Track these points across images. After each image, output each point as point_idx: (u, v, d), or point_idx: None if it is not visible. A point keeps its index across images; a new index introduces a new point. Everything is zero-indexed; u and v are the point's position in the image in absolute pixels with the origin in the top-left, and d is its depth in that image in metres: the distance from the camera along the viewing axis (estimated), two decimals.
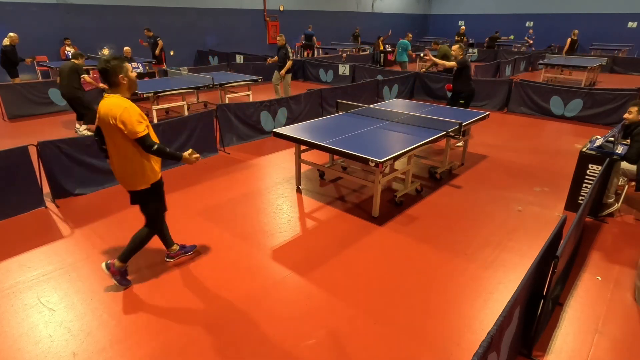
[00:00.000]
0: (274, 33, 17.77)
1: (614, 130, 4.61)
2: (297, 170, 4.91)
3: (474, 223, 4.17)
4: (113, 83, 2.73)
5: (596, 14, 20.63)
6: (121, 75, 2.71)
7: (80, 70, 6.64)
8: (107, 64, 2.66)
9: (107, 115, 2.66)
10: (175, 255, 3.47)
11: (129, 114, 2.65)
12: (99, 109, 2.75)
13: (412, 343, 2.61)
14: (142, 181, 2.87)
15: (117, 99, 2.70)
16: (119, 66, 2.69)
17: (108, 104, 2.69)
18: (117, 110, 2.63)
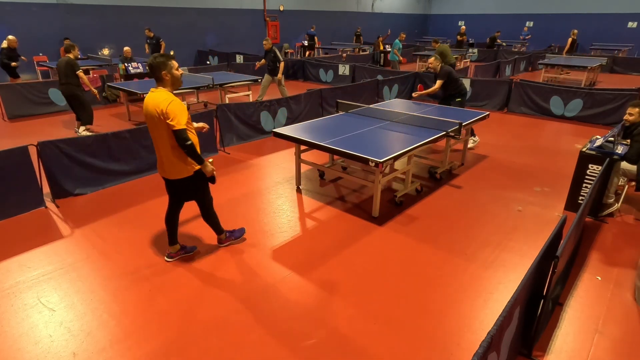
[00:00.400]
0: (274, 33, 17.78)
1: (614, 130, 4.61)
2: (297, 170, 4.91)
3: (474, 223, 4.17)
4: (158, 78, 2.91)
5: (596, 14, 20.63)
6: (164, 71, 2.88)
7: (76, 66, 6.51)
8: (154, 60, 2.86)
9: (154, 107, 2.84)
10: (175, 255, 3.48)
11: (174, 106, 2.83)
12: (145, 103, 2.94)
13: (412, 343, 2.61)
14: (186, 169, 3.07)
15: (163, 92, 2.89)
16: (164, 63, 2.87)
17: (155, 97, 2.87)
18: (165, 103, 2.81)
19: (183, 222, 4.14)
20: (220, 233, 3.63)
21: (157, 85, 2.95)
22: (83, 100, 6.82)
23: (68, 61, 6.47)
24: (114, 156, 4.99)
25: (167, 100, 2.82)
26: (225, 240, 3.68)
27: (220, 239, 3.67)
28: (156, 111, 2.83)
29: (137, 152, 5.21)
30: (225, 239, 3.68)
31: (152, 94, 2.92)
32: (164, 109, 2.80)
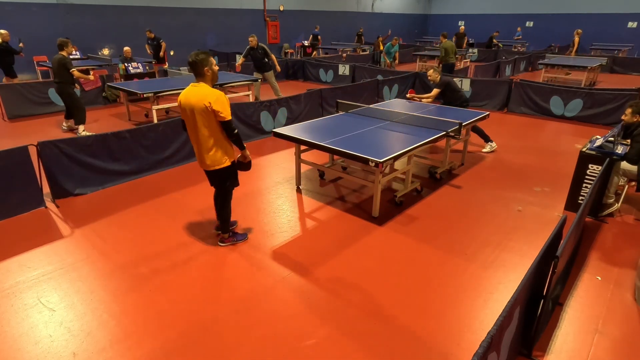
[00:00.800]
0: (274, 33, 17.78)
1: (614, 130, 4.61)
2: (297, 170, 4.91)
3: (474, 223, 4.17)
4: (199, 74, 3.08)
5: (596, 14, 20.63)
6: (206, 67, 3.06)
7: (69, 64, 6.41)
8: (197, 57, 3.02)
9: (200, 101, 3.01)
10: (227, 240, 3.74)
11: (223, 100, 3.05)
12: (185, 97, 3.10)
13: (412, 343, 2.61)
14: (226, 160, 3.29)
15: (206, 87, 3.07)
16: (206, 59, 3.05)
17: (199, 92, 3.04)
18: (212, 96, 3.01)
19: (183, 221, 4.14)
20: (225, 232, 3.69)
21: (197, 80, 3.11)
22: (76, 99, 6.77)
23: (60, 59, 6.38)
24: (114, 156, 4.99)
25: (214, 94, 3.01)
26: (227, 240, 3.72)
27: (222, 237, 3.72)
28: (203, 104, 2.99)
29: (137, 152, 5.21)
30: (227, 238, 3.72)
31: (194, 88, 3.08)
32: (212, 101, 2.98)
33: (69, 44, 6.53)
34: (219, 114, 3.02)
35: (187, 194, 4.79)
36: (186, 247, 3.69)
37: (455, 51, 10.45)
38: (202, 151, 3.25)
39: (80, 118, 6.84)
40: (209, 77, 3.11)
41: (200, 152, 3.28)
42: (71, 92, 6.69)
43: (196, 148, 3.31)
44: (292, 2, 18.44)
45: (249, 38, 8.73)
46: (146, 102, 8.05)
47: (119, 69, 9.58)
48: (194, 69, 3.06)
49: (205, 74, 3.08)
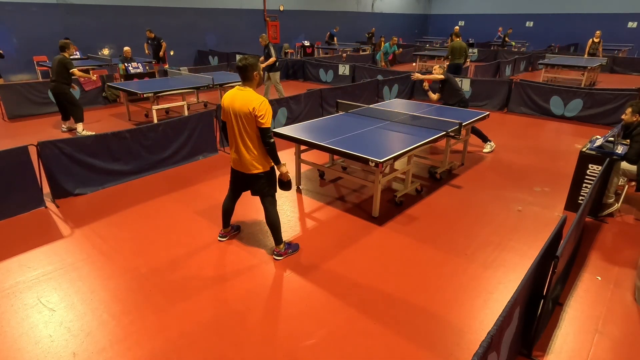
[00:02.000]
0: (274, 33, 17.78)
1: (614, 130, 4.61)
2: (297, 170, 4.91)
3: (474, 223, 4.17)
4: (248, 78, 3.09)
5: (596, 14, 20.63)
6: (255, 72, 3.08)
7: (70, 64, 6.47)
8: (246, 61, 3.04)
9: (245, 105, 3.02)
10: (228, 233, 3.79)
11: (266, 106, 3.05)
12: (231, 100, 3.11)
13: (412, 343, 2.61)
14: (267, 164, 3.27)
15: (252, 92, 3.08)
16: (256, 64, 3.07)
17: (245, 96, 3.05)
18: (257, 101, 3.01)
19: (183, 221, 4.14)
20: (279, 243, 3.50)
21: (243, 84, 3.11)
22: (72, 97, 6.81)
23: (61, 59, 6.43)
24: (114, 156, 4.99)
25: (259, 100, 3.02)
26: (283, 252, 3.52)
27: (278, 250, 3.51)
28: (248, 109, 3.00)
29: (137, 152, 5.21)
30: (283, 250, 3.53)
31: (240, 92, 3.08)
32: (256, 106, 2.99)
33: (71, 46, 6.58)
34: (260, 119, 3.01)
35: (187, 194, 4.79)
36: (186, 247, 3.69)
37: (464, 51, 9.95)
38: (243, 155, 3.20)
39: (79, 116, 6.86)
40: (255, 82, 3.12)
41: (241, 156, 3.23)
42: (67, 91, 6.71)
43: (236, 152, 3.25)
44: (292, 2, 18.44)
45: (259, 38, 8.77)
46: (146, 102, 8.05)
47: (119, 69, 9.58)
48: (243, 73, 3.05)
49: (253, 79, 3.09)
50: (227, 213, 3.70)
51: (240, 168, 3.31)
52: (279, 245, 3.51)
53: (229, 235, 3.82)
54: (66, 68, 6.45)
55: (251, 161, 3.20)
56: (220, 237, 3.79)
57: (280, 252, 3.52)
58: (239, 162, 3.28)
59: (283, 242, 3.56)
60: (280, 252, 3.52)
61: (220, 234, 3.80)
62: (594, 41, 13.42)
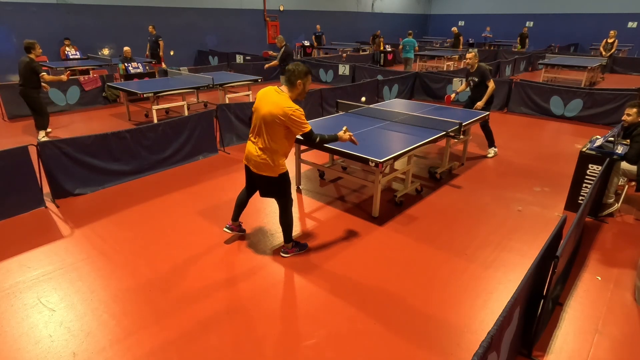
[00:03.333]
0: (274, 33, 17.78)
1: (614, 130, 4.61)
2: (297, 170, 4.91)
3: (474, 223, 4.17)
4: (291, 82, 3.05)
5: (596, 14, 20.63)
6: (300, 80, 3.04)
7: (38, 67, 6.20)
8: (297, 67, 3.02)
9: (275, 109, 2.97)
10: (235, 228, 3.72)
11: (299, 112, 2.99)
12: (261, 96, 3.09)
13: (412, 343, 2.61)
14: (281, 167, 3.26)
15: (286, 98, 3.02)
16: (303, 73, 3.03)
17: (278, 100, 3.00)
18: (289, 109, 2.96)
19: (183, 221, 4.14)
20: (289, 242, 3.54)
21: (285, 86, 3.08)
22: (40, 103, 6.55)
23: (28, 63, 6.17)
24: (114, 156, 4.99)
25: (292, 106, 2.97)
26: (291, 250, 3.56)
27: (286, 247, 3.56)
28: (277, 113, 2.95)
29: (137, 152, 5.21)
30: (291, 248, 3.56)
31: (276, 93, 3.04)
32: (289, 113, 2.95)
33: (37, 46, 6.31)
34: (298, 127, 3.00)
35: (188, 194, 4.79)
36: (186, 247, 3.69)
37: None
38: (258, 153, 3.17)
39: (43, 123, 6.60)
40: (297, 91, 3.07)
41: (256, 153, 3.19)
42: (36, 96, 6.44)
43: (253, 151, 3.21)
44: (292, 2, 18.44)
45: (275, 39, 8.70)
46: (146, 102, 8.05)
47: (119, 69, 9.58)
48: (289, 75, 3.02)
49: (296, 86, 3.04)
50: (240, 205, 3.67)
51: (249, 163, 3.30)
52: (287, 244, 3.54)
53: (235, 230, 3.75)
54: (35, 72, 6.20)
55: (262, 163, 3.18)
56: (226, 228, 3.72)
57: (288, 250, 3.55)
58: (251, 159, 3.25)
59: (292, 241, 3.56)
60: (287, 250, 3.55)
61: (228, 225, 3.72)
62: (607, 42, 13.40)
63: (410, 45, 12.77)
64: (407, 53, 12.92)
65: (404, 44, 12.93)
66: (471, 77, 5.94)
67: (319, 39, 17.48)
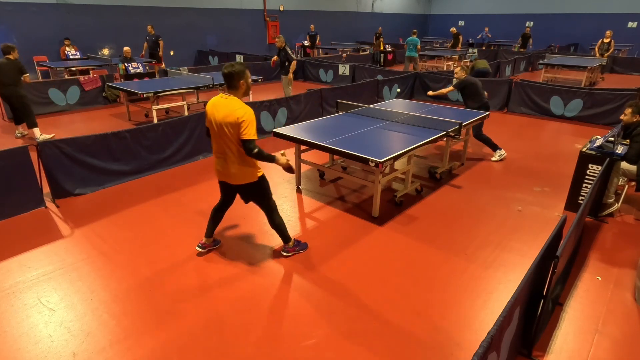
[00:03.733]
0: (274, 33, 17.78)
1: (614, 130, 4.61)
2: (297, 170, 4.91)
3: (474, 223, 4.17)
4: (233, 86, 2.93)
5: (596, 14, 20.62)
6: (242, 80, 2.93)
7: (24, 68, 6.43)
8: (233, 68, 2.87)
9: (228, 115, 2.88)
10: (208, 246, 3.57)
11: (251, 116, 2.90)
12: (214, 108, 2.97)
13: (412, 343, 2.61)
14: (256, 173, 3.13)
15: (236, 101, 2.92)
16: (243, 72, 2.91)
17: (228, 105, 2.90)
18: (241, 111, 2.86)
19: (183, 221, 4.14)
20: (288, 241, 3.49)
21: (228, 92, 2.97)
22: (28, 102, 6.65)
23: (14, 62, 6.36)
24: (114, 156, 4.99)
25: (243, 109, 2.88)
26: (291, 249, 3.52)
27: (286, 247, 3.52)
28: (234, 118, 2.85)
29: (137, 152, 5.21)
30: (291, 247, 3.52)
31: (223, 100, 2.95)
32: (239, 117, 2.84)
33: (15, 49, 6.50)
34: (243, 130, 2.87)
35: (188, 194, 4.79)
36: (186, 247, 3.68)
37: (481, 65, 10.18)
38: (228, 166, 3.07)
39: (33, 121, 6.67)
40: (242, 91, 2.97)
41: (226, 167, 3.09)
42: (24, 94, 6.58)
43: (220, 162, 3.12)
44: (292, 2, 18.44)
45: (275, 39, 8.66)
46: (146, 102, 8.05)
47: (119, 69, 9.58)
48: (228, 80, 2.91)
49: (239, 87, 2.94)
50: (214, 220, 3.50)
51: (227, 179, 3.17)
52: (287, 243, 3.51)
53: (209, 247, 3.57)
54: (21, 72, 6.40)
55: (238, 172, 3.07)
56: (199, 247, 3.53)
57: (288, 249, 3.52)
58: (225, 173, 3.14)
59: (292, 239, 3.53)
60: (288, 249, 3.52)
61: (200, 243, 3.54)
62: (603, 42, 13.33)
63: (414, 44, 12.86)
64: (410, 52, 13.04)
65: (408, 43, 13.02)
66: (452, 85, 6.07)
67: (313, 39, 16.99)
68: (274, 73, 12.53)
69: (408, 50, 13.09)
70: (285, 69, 8.66)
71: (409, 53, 13.11)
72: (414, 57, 13.14)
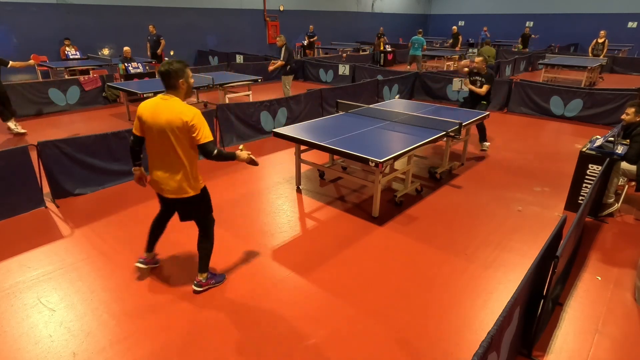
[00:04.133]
0: (274, 33, 17.78)
1: (614, 130, 4.61)
2: (297, 170, 4.91)
3: (474, 223, 4.17)
4: (172, 86, 2.63)
5: (596, 14, 20.63)
6: (182, 79, 2.62)
7: (4, 59, 6.54)
8: (170, 66, 2.57)
9: (173, 118, 2.56)
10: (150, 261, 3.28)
11: (200, 118, 2.60)
12: (148, 111, 2.68)
13: (412, 343, 2.61)
14: (198, 185, 2.83)
15: (179, 102, 2.62)
16: (182, 70, 2.60)
17: (170, 107, 2.59)
18: (190, 114, 2.56)
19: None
20: (204, 271, 3.05)
21: (167, 92, 2.65)
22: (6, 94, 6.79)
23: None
24: (114, 156, 4.99)
25: (191, 111, 2.57)
26: (205, 283, 3.05)
27: (200, 280, 3.04)
28: (180, 121, 2.54)
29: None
30: (206, 280, 3.06)
31: (163, 102, 2.61)
32: (189, 120, 2.54)
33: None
34: (197, 134, 2.56)
35: None
36: (186, 246, 3.68)
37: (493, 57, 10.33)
38: (168, 177, 2.71)
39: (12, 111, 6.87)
40: (182, 91, 2.65)
41: (165, 178, 2.73)
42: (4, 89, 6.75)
43: (157, 173, 2.75)
44: (292, 2, 18.44)
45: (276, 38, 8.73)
46: None
47: (119, 69, 9.58)
48: (166, 80, 2.59)
49: (179, 87, 2.62)
50: (154, 234, 3.20)
51: (165, 192, 2.79)
52: (202, 274, 3.04)
53: (150, 263, 3.27)
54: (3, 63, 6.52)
55: (179, 184, 2.73)
56: (139, 263, 3.20)
57: (202, 283, 3.04)
58: (162, 185, 2.77)
59: (208, 272, 3.08)
60: (201, 283, 3.04)
61: (141, 259, 3.22)
62: (597, 42, 13.28)
63: (419, 43, 12.82)
64: (415, 50, 12.94)
65: (413, 42, 12.97)
66: (480, 78, 6.15)
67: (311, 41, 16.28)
68: (274, 73, 12.51)
69: (412, 48, 13.00)
70: (284, 69, 8.67)
71: (412, 52, 13.04)
72: (417, 56, 13.05)
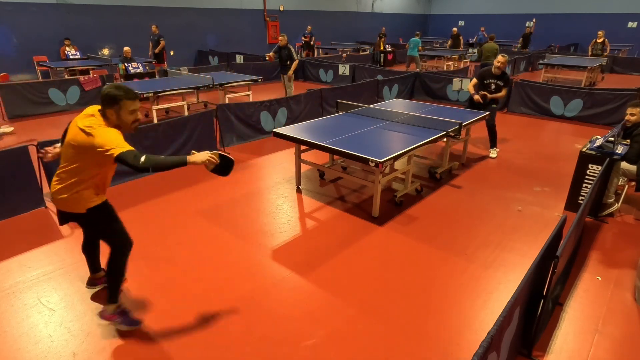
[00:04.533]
0: (274, 33, 17.78)
1: (614, 130, 4.61)
2: (297, 170, 4.91)
3: (474, 223, 4.17)
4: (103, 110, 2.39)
5: (596, 14, 20.62)
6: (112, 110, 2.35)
7: None
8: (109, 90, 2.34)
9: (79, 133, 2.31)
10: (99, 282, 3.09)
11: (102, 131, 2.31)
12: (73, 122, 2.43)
13: (411, 343, 2.61)
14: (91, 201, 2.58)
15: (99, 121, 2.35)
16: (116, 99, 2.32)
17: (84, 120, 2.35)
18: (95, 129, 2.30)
19: (183, 221, 4.14)
20: (113, 302, 2.67)
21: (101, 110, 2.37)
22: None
23: None
24: None
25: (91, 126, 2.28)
26: (109, 316, 2.65)
27: (105, 309, 2.67)
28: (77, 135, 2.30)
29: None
30: (111, 313, 2.66)
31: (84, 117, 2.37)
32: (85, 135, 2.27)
33: None
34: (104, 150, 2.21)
35: (187, 194, 4.79)
36: (186, 247, 3.69)
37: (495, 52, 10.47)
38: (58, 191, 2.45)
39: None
40: (110, 123, 2.34)
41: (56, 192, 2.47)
42: None
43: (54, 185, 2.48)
44: (292, 2, 18.44)
45: (279, 37, 8.79)
46: (146, 102, 8.04)
47: (119, 69, 9.58)
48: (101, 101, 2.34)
49: (108, 117, 2.34)
50: (88, 257, 3.04)
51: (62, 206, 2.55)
52: (109, 305, 2.66)
53: (100, 283, 3.06)
54: None
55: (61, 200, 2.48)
56: (88, 286, 3.05)
57: (105, 315, 2.65)
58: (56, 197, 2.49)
59: (117, 304, 2.67)
60: (105, 315, 2.66)
61: (89, 280, 3.06)
62: (596, 42, 13.22)
63: (415, 44, 13.36)
64: (411, 51, 13.52)
65: (410, 43, 13.51)
66: (496, 81, 5.86)
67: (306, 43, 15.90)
68: (274, 73, 12.53)
69: (410, 49, 13.53)
70: (286, 68, 8.70)
71: (410, 52, 13.56)
72: (415, 57, 13.59)
